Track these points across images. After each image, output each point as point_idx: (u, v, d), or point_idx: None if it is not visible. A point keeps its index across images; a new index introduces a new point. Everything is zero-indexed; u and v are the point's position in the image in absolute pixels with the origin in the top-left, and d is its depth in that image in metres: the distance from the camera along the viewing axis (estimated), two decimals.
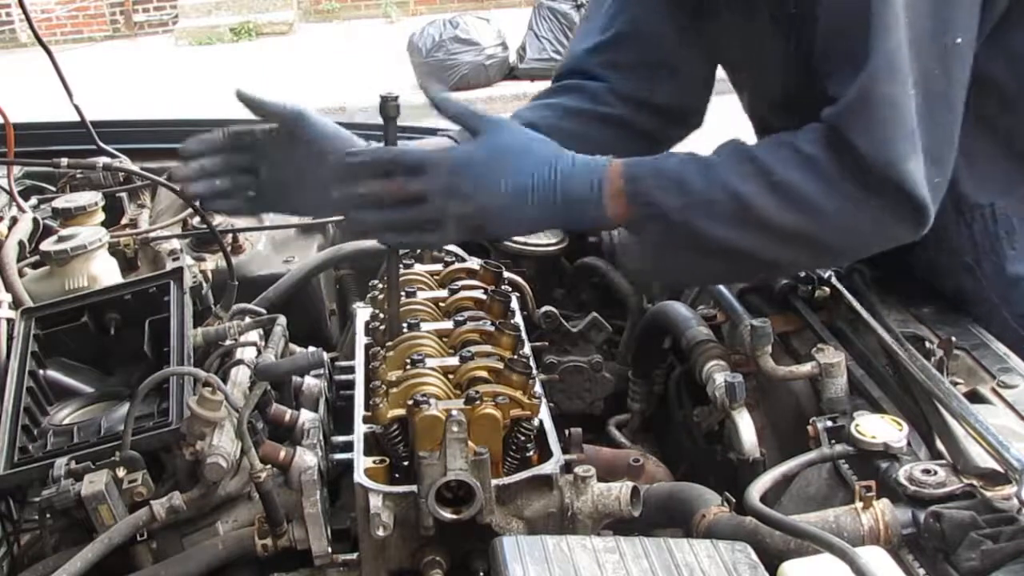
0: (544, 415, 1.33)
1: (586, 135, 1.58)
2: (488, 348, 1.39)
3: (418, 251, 1.88)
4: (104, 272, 1.82)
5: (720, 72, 1.73)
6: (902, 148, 1.28)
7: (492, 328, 1.44)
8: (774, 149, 1.36)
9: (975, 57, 1.38)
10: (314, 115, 1.48)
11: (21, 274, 1.84)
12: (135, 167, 2.28)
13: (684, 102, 1.71)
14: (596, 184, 1.36)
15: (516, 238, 2.06)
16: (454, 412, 1.19)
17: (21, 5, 2.42)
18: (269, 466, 1.30)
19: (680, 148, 1.66)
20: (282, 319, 1.64)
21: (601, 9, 1.73)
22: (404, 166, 1.35)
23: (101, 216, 2.04)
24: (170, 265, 1.78)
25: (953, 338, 1.43)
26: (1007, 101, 1.48)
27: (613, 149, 1.40)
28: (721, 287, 1.69)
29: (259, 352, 1.54)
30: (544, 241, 2.07)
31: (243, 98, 1.47)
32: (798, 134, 1.35)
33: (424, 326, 1.44)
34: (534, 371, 1.35)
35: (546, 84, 1.84)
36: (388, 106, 1.37)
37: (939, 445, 1.25)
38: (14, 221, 2.03)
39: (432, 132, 1.70)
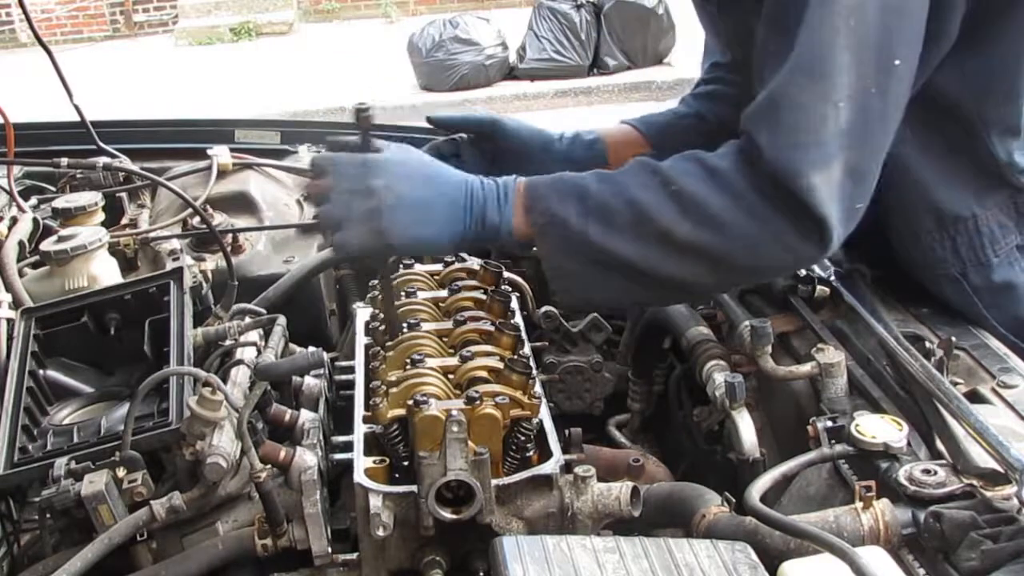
0: (544, 415, 1.33)
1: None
2: (488, 348, 1.39)
3: None
4: (104, 272, 1.82)
5: None
6: (808, 157, 1.25)
7: (492, 328, 1.44)
8: (679, 161, 1.34)
9: (936, 84, 1.39)
10: (507, 120, 1.61)
11: (21, 274, 1.84)
12: (135, 167, 2.28)
13: None
14: (503, 196, 1.36)
15: None
16: (454, 412, 1.19)
17: (21, 5, 2.42)
18: (269, 466, 1.30)
19: None
20: (282, 319, 1.64)
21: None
22: (316, 166, 1.38)
23: (101, 216, 2.04)
24: (170, 265, 1.78)
25: (953, 338, 1.43)
26: (968, 126, 1.48)
27: None
28: None
29: (259, 352, 1.54)
30: None
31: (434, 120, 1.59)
32: (709, 150, 1.33)
33: (424, 326, 1.44)
34: (534, 371, 1.35)
35: (546, 84, 1.85)
36: (361, 117, 1.38)
37: (939, 445, 1.25)
38: (14, 221, 2.03)
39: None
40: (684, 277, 1.34)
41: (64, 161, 2.20)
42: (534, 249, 1.39)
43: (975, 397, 1.33)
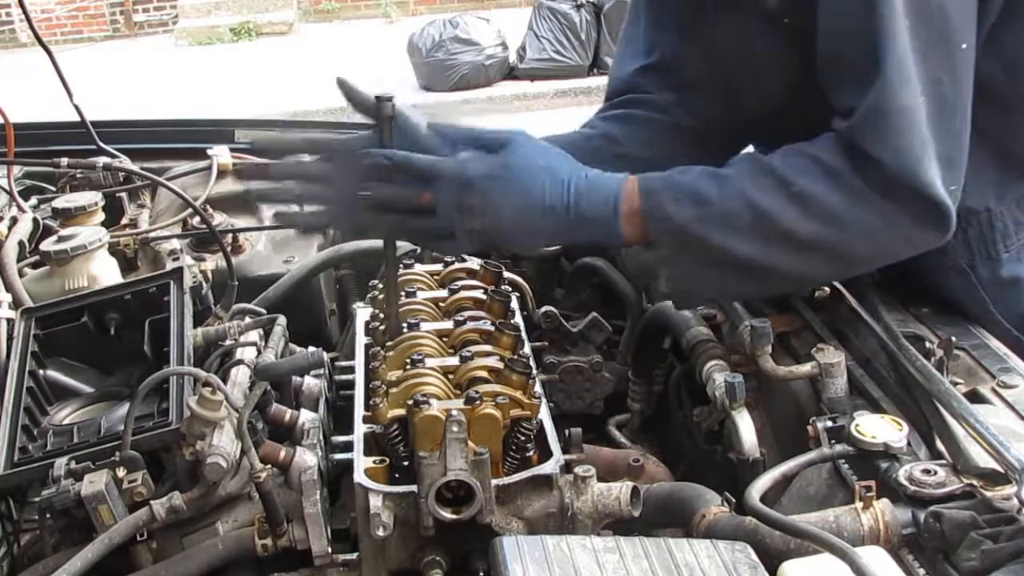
0: (544, 415, 1.33)
1: (654, 143, 1.63)
2: (488, 348, 1.39)
3: (418, 251, 1.88)
4: (104, 272, 1.82)
5: None
6: (919, 155, 1.29)
7: (492, 328, 1.44)
8: (791, 159, 1.35)
9: (977, 66, 1.38)
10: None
11: (21, 274, 1.84)
12: (135, 167, 2.28)
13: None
14: (612, 200, 1.36)
15: None
16: (454, 412, 1.19)
17: (21, 5, 2.42)
18: (269, 466, 1.30)
19: None
20: (282, 319, 1.64)
21: (639, 31, 1.75)
22: (414, 172, 1.33)
23: (101, 216, 2.04)
24: (170, 265, 1.78)
25: (953, 338, 1.43)
26: (1001, 106, 1.48)
27: (680, 155, 1.43)
28: None
29: (259, 352, 1.54)
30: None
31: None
32: (814, 144, 1.35)
33: (424, 326, 1.44)
34: (534, 371, 1.35)
35: (546, 84, 1.86)
36: (384, 107, 1.36)
37: (939, 445, 1.25)
38: (14, 221, 2.03)
39: None
40: (806, 272, 1.40)
41: (64, 161, 2.20)
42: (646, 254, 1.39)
43: (975, 397, 1.33)
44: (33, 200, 2.27)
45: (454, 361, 1.36)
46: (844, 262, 1.40)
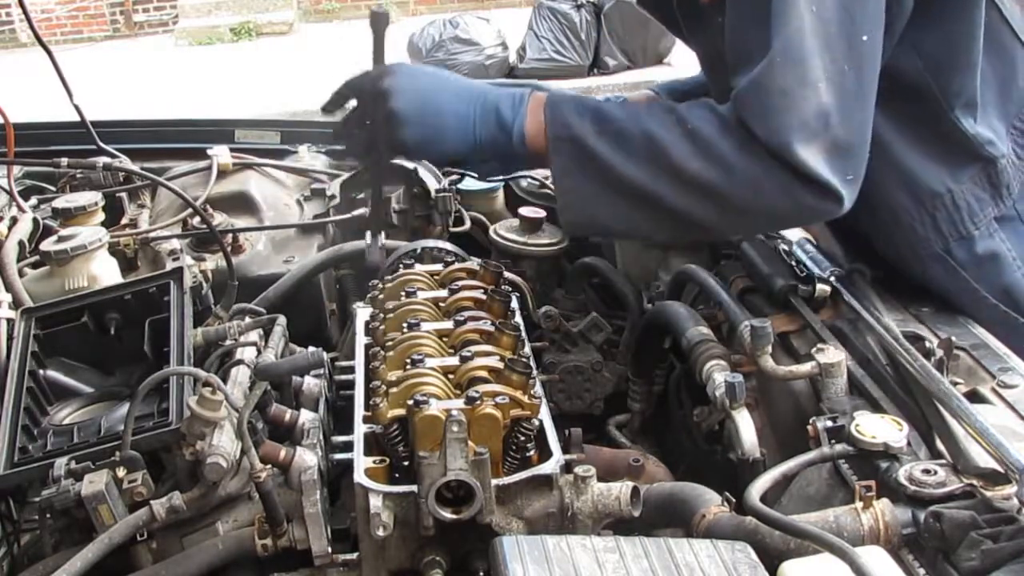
0: (544, 415, 1.33)
1: None
2: (488, 348, 1.39)
3: (418, 251, 1.88)
4: (104, 272, 1.82)
5: None
6: (794, 137, 1.33)
7: (492, 328, 1.44)
8: (694, 107, 1.42)
9: (896, 64, 1.44)
10: (545, 85, 1.67)
11: (21, 274, 1.84)
12: (135, 167, 2.28)
13: None
14: (517, 99, 1.44)
15: (515, 238, 2.06)
16: (454, 412, 1.19)
17: (21, 5, 2.42)
18: (269, 466, 1.30)
19: None
20: (282, 319, 1.64)
21: None
22: (342, 94, 1.52)
23: (101, 216, 2.05)
24: (170, 265, 1.78)
25: (953, 338, 1.43)
26: (932, 99, 1.51)
27: None
28: (719, 287, 1.69)
29: (259, 352, 1.54)
30: (544, 241, 2.07)
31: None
32: (720, 104, 1.41)
33: (424, 326, 1.44)
34: (534, 371, 1.35)
35: (546, 84, 1.87)
36: (378, 18, 1.49)
37: (939, 445, 1.25)
38: (14, 221, 2.03)
39: None
40: (690, 212, 1.41)
41: (64, 161, 2.20)
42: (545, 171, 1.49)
43: (975, 397, 1.33)
44: (33, 200, 2.28)
45: (454, 361, 1.36)
46: (726, 208, 1.40)
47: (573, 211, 1.46)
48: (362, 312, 1.65)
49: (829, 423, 1.31)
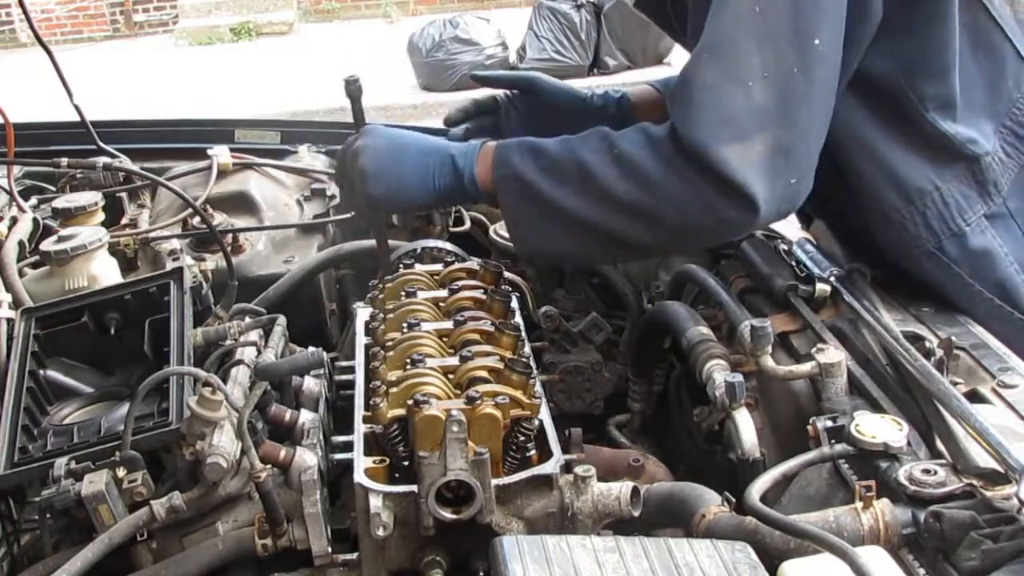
0: (544, 415, 1.33)
1: None
2: (488, 348, 1.39)
3: (418, 251, 1.88)
4: (104, 272, 1.82)
5: None
6: (716, 132, 1.35)
7: (492, 328, 1.44)
8: (628, 131, 1.47)
9: (870, 68, 1.46)
10: (546, 78, 1.84)
11: (21, 274, 1.84)
12: (135, 167, 2.28)
13: None
14: (470, 152, 1.53)
15: None
16: (454, 412, 1.18)
17: (21, 5, 2.42)
18: (269, 466, 1.30)
19: None
20: (282, 319, 1.64)
21: None
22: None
23: (101, 216, 2.04)
24: (170, 265, 1.78)
25: (953, 338, 1.43)
26: (908, 103, 1.52)
27: None
28: (719, 287, 1.70)
29: (259, 352, 1.54)
30: None
31: (478, 77, 1.89)
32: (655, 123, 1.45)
33: (424, 326, 1.44)
34: (534, 371, 1.35)
35: None
36: (351, 88, 1.60)
37: (939, 445, 1.25)
38: (14, 221, 2.03)
39: (433, 132, 1.72)
40: (624, 233, 1.46)
41: (64, 161, 2.20)
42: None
43: (975, 397, 1.33)
44: (33, 200, 2.27)
45: (454, 361, 1.36)
46: (657, 228, 1.45)
47: (525, 243, 1.54)
48: (362, 312, 1.65)
49: (829, 423, 1.31)
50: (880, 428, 1.26)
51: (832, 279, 1.62)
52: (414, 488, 1.19)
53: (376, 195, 1.53)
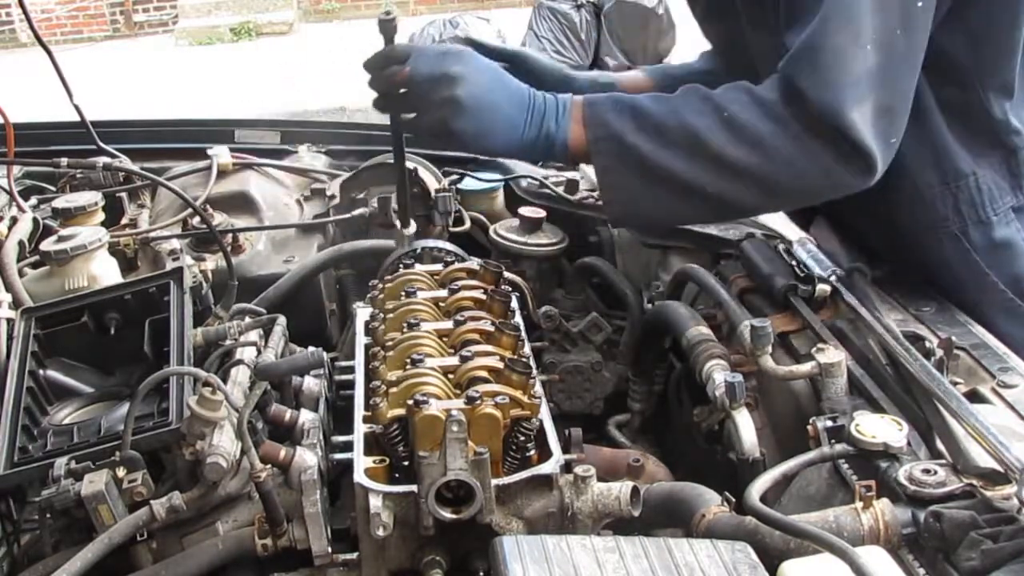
0: (544, 415, 1.33)
1: None
2: (488, 348, 1.39)
3: (418, 251, 1.88)
4: (104, 272, 1.82)
5: None
6: (845, 95, 1.34)
7: (492, 328, 1.44)
8: (729, 90, 1.44)
9: (940, 38, 1.45)
10: (535, 55, 1.85)
11: (21, 274, 1.84)
12: (135, 167, 2.28)
13: None
14: (561, 108, 1.47)
15: (515, 238, 2.06)
16: (454, 412, 1.19)
17: (21, 5, 2.42)
18: (269, 466, 1.30)
19: None
20: (282, 319, 1.64)
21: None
22: (396, 50, 1.53)
23: (101, 216, 2.04)
24: (170, 265, 1.78)
25: (953, 338, 1.43)
26: (968, 80, 1.53)
27: None
28: (719, 287, 1.70)
29: (259, 352, 1.54)
30: (544, 241, 2.07)
31: (473, 41, 1.76)
32: (756, 85, 1.43)
33: (424, 326, 1.44)
34: (534, 371, 1.35)
35: None
36: (387, 26, 1.54)
37: (939, 445, 1.25)
38: (14, 221, 2.03)
39: None
40: (731, 196, 1.44)
41: (64, 161, 2.20)
42: (589, 166, 1.50)
43: (975, 397, 1.33)
44: (33, 200, 2.27)
45: (454, 361, 1.36)
46: (768, 191, 1.44)
47: (618, 206, 1.50)
48: (362, 312, 1.65)
49: (829, 423, 1.31)
50: (880, 428, 1.26)
51: (832, 279, 1.62)
52: (414, 488, 1.19)
53: (465, 131, 1.48)
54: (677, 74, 1.92)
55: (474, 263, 1.69)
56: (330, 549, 1.28)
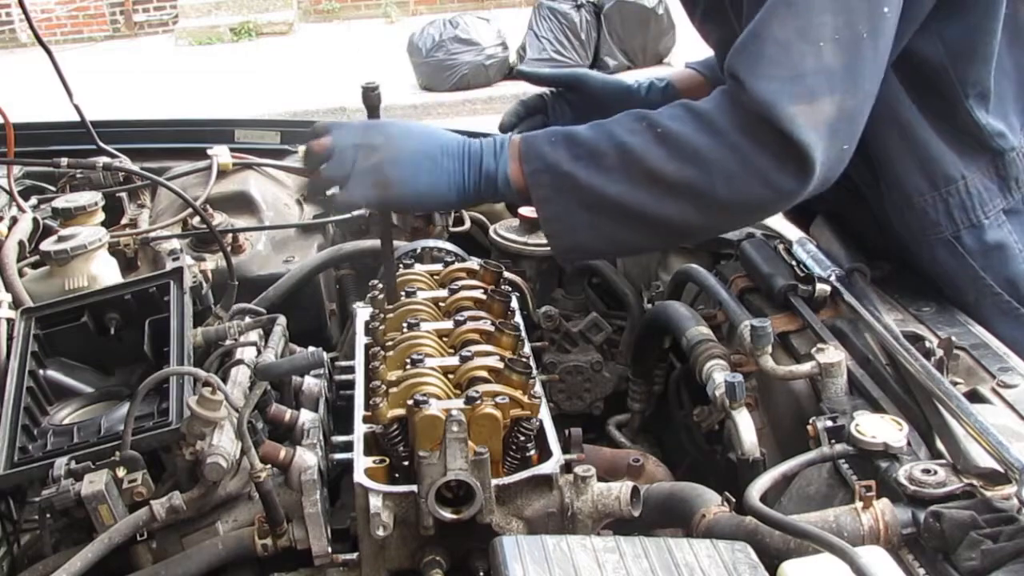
0: (544, 415, 1.33)
1: None
2: (488, 348, 1.39)
3: (418, 250, 1.88)
4: (104, 272, 1.82)
5: None
6: (788, 89, 1.32)
7: (492, 328, 1.44)
8: (666, 109, 1.42)
9: (919, 50, 1.45)
10: (593, 73, 1.80)
11: (21, 274, 1.84)
12: (135, 167, 2.28)
13: None
14: (498, 146, 1.45)
15: (515, 237, 2.06)
16: (454, 412, 1.19)
17: (21, 5, 2.42)
18: (269, 466, 1.30)
19: None
20: (282, 319, 1.64)
21: None
22: (317, 128, 1.47)
23: (101, 216, 2.04)
24: (170, 265, 1.78)
25: (953, 338, 1.43)
26: (950, 87, 1.52)
27: None
28: (719, 287, 1.69)
29: (259, 352, 1.54)
30: (544, 241, 2.07)
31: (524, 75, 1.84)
32: (695, 100, 1.41)
33: (424, 326, 1.44)
34: (534, 371, 1.35)
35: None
36: (370, 96, 1.47)
37: (939, 445, 1.25)
38: (14, 221, 2.03)
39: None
40: (671, 216, 1.41)
41: (64, 161, 2.20)
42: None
43: (975, 397, 1.33)
44: (33, 200, 2.27)
45: (454, 361, 1.36)
46: (709, 208, 1.41)
47: (561, 239, 1.46)
48: (362, 312, 1.65)
49: (829, 423, 1.30)
50: (880, 428, 1.26)
51: (832, 279, 1.62)
52: (414, 488, 1.19)
53: (406, 202, 1.47)
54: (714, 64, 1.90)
55: (474, 263, 1.69)
56: (330, 549, 1.28)
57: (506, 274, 1.67)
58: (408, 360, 1.34)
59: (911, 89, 1.50)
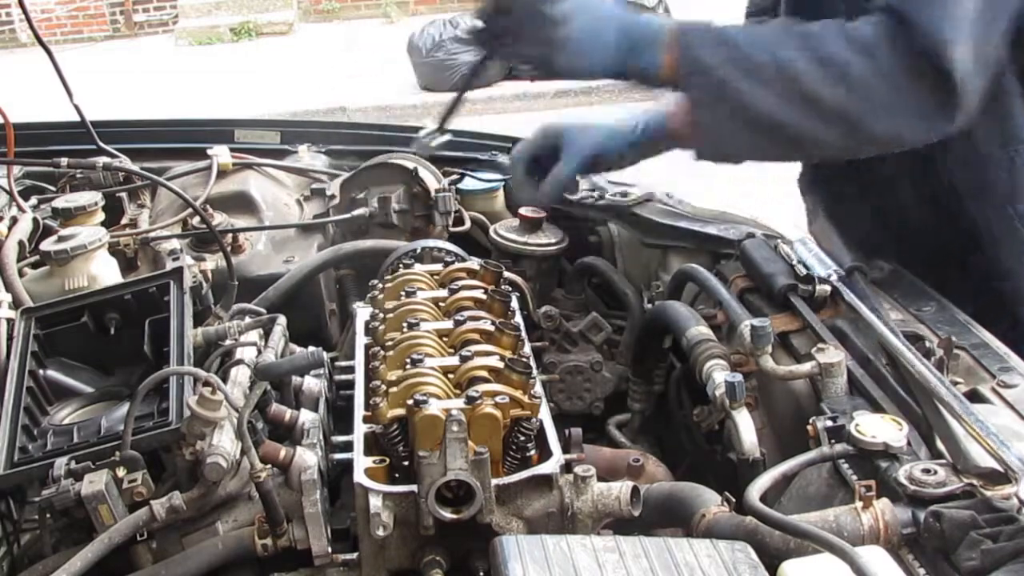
0: (544, 415, 1.33)
1: None
2: (488, 348, 1.39)
3: (418, 250, 1.88)
4: (104, 272, 1.82)
5: None
6: (955, 30, 1.33)
7: (492, 328, 1.44)
8: (828, 27, 1.40)
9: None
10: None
11: (21, 274, 1.84)
12: (135, 167, 2.28)
13: None
14: (658, 29, 1.45)
15: (515, 237, 2.06)
16: (454, 412, 1.19)
17: (21, 5, 2.42)
18: (269, 466, 1.30)
19: None
20: (282, 319, 1.64)
21: None
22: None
23: (101, 216, 2.04)
24: (170, 265, 1.78)
25: (953, 338, 1.43)
26: None
27: None
28: (719, 287, 1.69)
29: (259, 352, 1.54)
30: (544, 241, 2.07)
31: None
32: (854, 21, 1.40)
33: (424, 326, 1.44)
34: (534, 371, 1.35)
35: (546, 84, 1.87)
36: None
37: (939, 445, 1.25)
38: (14, 221, 2.03)
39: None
40: (819, 138, 1.42)
41: (64, 161, 2.20)
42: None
43: (975, 397, 1.33)
44: (33, 200, 2.27)
45: (454, 361, 1.36)
46: (859, 133, 1.41)
47: (706, 142, 1.48)
48: (362, 312, 1.65)
49: (829, 423, 1.30)
50: (880, 428, 1.26)
51: (832, 279, 1.62)
52: (414, 488, 1.19)
53: (558, 67, 1.48)
54: None
55: (474, 263, 1.69)
56: (330, 549, 1.28)
57: (506, 274, 1.67)
58: (408, 360, 1.34)
59: (1012, 53, 1.49)
